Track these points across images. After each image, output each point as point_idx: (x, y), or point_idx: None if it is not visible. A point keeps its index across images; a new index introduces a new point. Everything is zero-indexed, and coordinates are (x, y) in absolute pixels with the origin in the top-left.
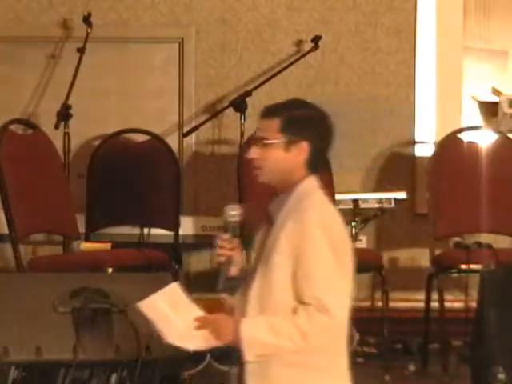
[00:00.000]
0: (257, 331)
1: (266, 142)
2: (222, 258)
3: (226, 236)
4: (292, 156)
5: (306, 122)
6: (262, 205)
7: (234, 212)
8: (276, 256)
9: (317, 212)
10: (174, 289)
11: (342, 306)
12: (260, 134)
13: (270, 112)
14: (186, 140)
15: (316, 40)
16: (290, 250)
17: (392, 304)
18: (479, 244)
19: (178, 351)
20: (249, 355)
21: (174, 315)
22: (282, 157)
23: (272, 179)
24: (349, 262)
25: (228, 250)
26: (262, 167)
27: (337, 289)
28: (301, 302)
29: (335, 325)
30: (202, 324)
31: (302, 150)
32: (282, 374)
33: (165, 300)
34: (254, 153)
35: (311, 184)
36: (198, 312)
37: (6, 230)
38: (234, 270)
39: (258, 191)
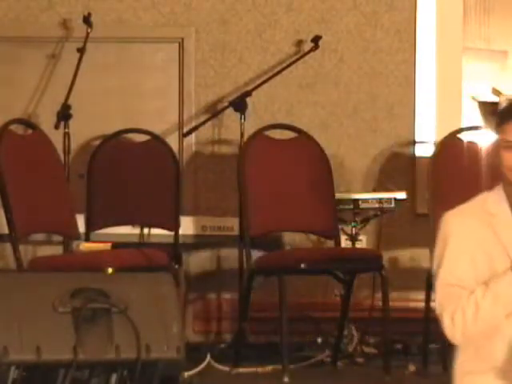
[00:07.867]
0: None
1: None
2: None
3: None
4: None
5: None
6: None
7: None
8: None
9: None
10: None
11: None
12: None
13: None
14: (186, 140)
15: (316, 40)
16: None
17: (392, 304)
18: None
19: (178, 351)
20: None
21: None
22: None
23: None
24: None
25: None
26: None
27: None
28: None
29: None
30: None
31: None
32: None
33: None
34: None
35: None
36: None
37: (5, 230)
38: None
39: (257, 192)
